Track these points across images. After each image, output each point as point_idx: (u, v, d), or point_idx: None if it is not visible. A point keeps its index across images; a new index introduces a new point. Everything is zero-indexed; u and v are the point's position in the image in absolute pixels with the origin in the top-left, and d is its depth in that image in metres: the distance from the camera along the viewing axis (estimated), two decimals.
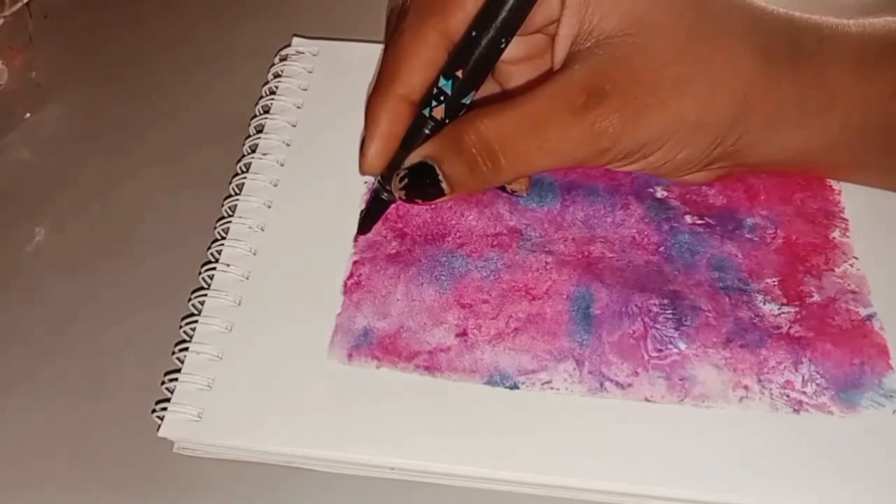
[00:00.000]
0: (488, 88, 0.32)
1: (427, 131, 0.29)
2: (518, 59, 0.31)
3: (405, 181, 0.28)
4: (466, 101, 0.29)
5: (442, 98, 0.28)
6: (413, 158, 0.28)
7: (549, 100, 0.28)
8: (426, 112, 0.29)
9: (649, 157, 0.29)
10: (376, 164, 0.30)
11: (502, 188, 0.33)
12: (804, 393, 0.29)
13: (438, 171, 0.28)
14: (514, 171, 0.29)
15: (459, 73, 0.28)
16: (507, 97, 0.28)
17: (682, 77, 0.28)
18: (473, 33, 0.28)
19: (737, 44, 0.28)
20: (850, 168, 0.32)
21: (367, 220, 0.32)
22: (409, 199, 0.29)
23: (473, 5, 0.28)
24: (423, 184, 0.28)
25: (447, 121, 0.29)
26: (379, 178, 0.31)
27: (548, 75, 0.29)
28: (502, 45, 0.28)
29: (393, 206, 0.34)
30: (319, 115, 0.38)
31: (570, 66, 0.28)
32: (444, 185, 0.28)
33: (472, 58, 0.28)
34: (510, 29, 0.28)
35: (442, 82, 0.28)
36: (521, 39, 0.30)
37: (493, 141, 0.27)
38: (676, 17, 0.28)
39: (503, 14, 0.27)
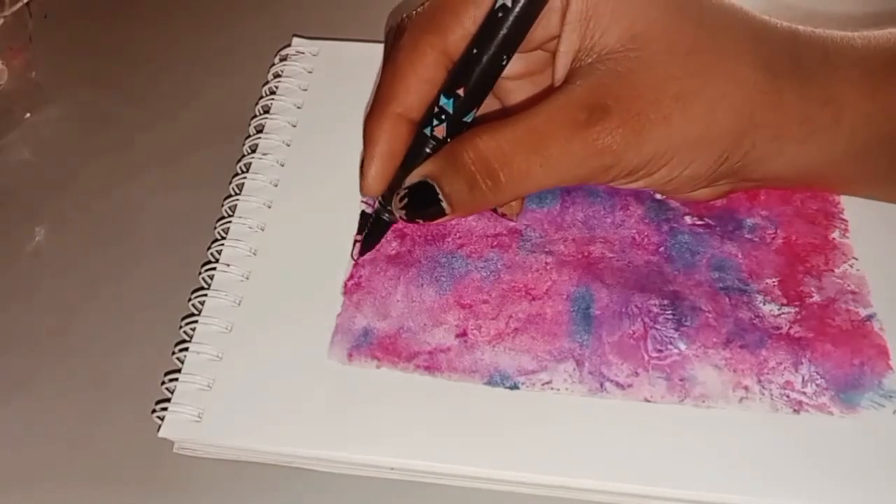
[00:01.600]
0: (489, 105, 0.32)
1: (428, 150, 0.29)
2: (519, 74, 0.31)
3: (405, 200, 0.28)
4: (468, 119, 0.29)
5: (443, 117, 0.28)
6: (413, 178, 0.28)
7: (550, 116, 0.27)
8: (427, 131, 0.29)
9: (654, 175, 0.29)
10: (377, 185, 0.29)
11: (493, 209, 0.33)
12: (804, 393, 0.29)
13: (438, 189, 0.28)
14: (515, 189, 0.28)
15: (461, 92, 0.28)
16: (507, 115, 0.28)
17: (685, 92, 0.27)
18: (474, 51, 0.28)
19: (739, 58, 0.28)
20: (858, 182, 0.32)
21: (369, 241, 0.32)
22: (410, 218, 0.29)
23: (472, 23, 0.28)
24: (424, 203, 0.28)
25: (449, 139, 0.29)
26: (380, 198, 0.31)
27: (548, 92, 0.29)
28: (503, 63, 0.28)
29: None
30: (319, 115, 0.38)
31: (571, 82, 0.28)
32: (444, 204, 0.28)
33: (473, 75, 0.28)
34: (511, 46, 0.28)
35: (443, 101, 0.28)
36: (522, 56, 0.30)
37: (493, 158, 0.27)
38: (677, 32, 0.28)
39: (503, 31, 0.27)
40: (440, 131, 0.28)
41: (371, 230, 0.32)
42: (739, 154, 0.28)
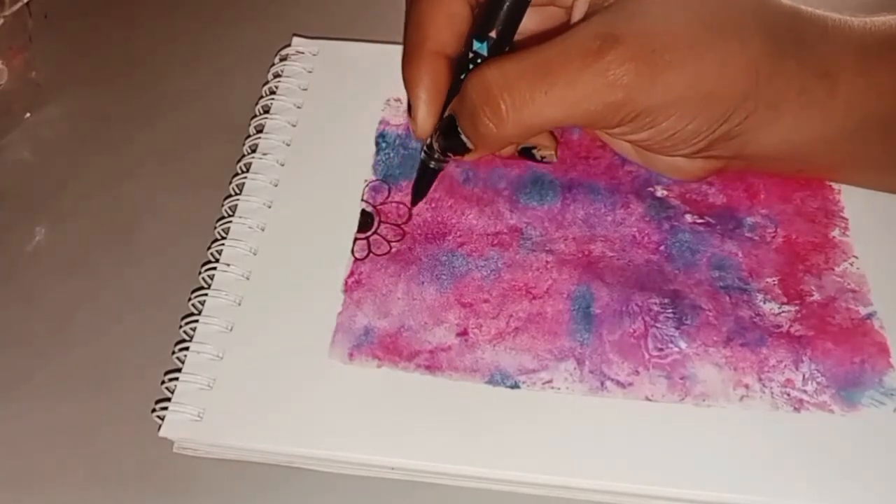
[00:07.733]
0: None
1: None
2: (531, 32, 0.31)
3: (438, 133, 0.30)
4: None
5: (479, 60, 0.28)
6: (445, 114, 0.29)
7: (560, 48, 0.27)
8: (463, 77, 0.29)
9: (660, 125, 0.28)
10: (427, 125, 0.30)
11: (531, 157, 0.32)
12: (805, 391, 0.29)
13: (458, 124, 0.28)
14: (518, 122, 0.27)
15: (493, 34, 0.28)
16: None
17: (700, 42, 0.27)
18: None
19: (746, 22, 0.28)
20: (850, 165, 0.32)
21: (418, 190, 0.33)
22: (443, 152, 0.30)
23: None
24: (452, 139, 0.29)
25: None
26: (425, 147, 0.31)
27: (559, 31, 0.28)
28: None
29: (393, 205, 0.34)
30: (319, 114, 0.37)
31: (585, 20, 0.28)
32: (463, 137, 0.29)
33: (501, 12, 0.28)
34: None
35: (476, 45, 0.28)
36: (535, 11, 0.30)
37: (494, 86, 0.27)
38: None
39: None
40: None
41: (419, 179, 0.33)
42: (740, 116, 0.28)
